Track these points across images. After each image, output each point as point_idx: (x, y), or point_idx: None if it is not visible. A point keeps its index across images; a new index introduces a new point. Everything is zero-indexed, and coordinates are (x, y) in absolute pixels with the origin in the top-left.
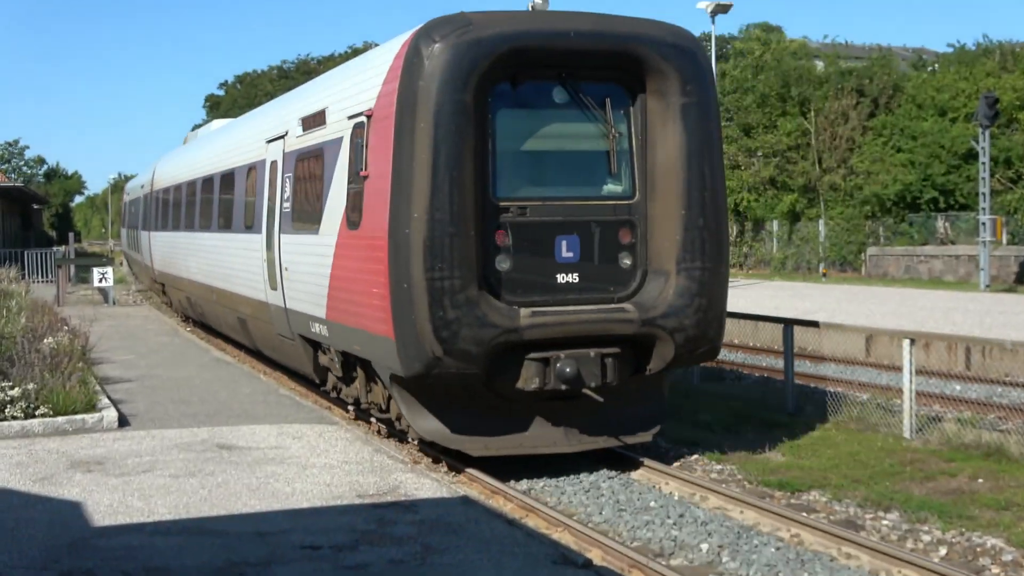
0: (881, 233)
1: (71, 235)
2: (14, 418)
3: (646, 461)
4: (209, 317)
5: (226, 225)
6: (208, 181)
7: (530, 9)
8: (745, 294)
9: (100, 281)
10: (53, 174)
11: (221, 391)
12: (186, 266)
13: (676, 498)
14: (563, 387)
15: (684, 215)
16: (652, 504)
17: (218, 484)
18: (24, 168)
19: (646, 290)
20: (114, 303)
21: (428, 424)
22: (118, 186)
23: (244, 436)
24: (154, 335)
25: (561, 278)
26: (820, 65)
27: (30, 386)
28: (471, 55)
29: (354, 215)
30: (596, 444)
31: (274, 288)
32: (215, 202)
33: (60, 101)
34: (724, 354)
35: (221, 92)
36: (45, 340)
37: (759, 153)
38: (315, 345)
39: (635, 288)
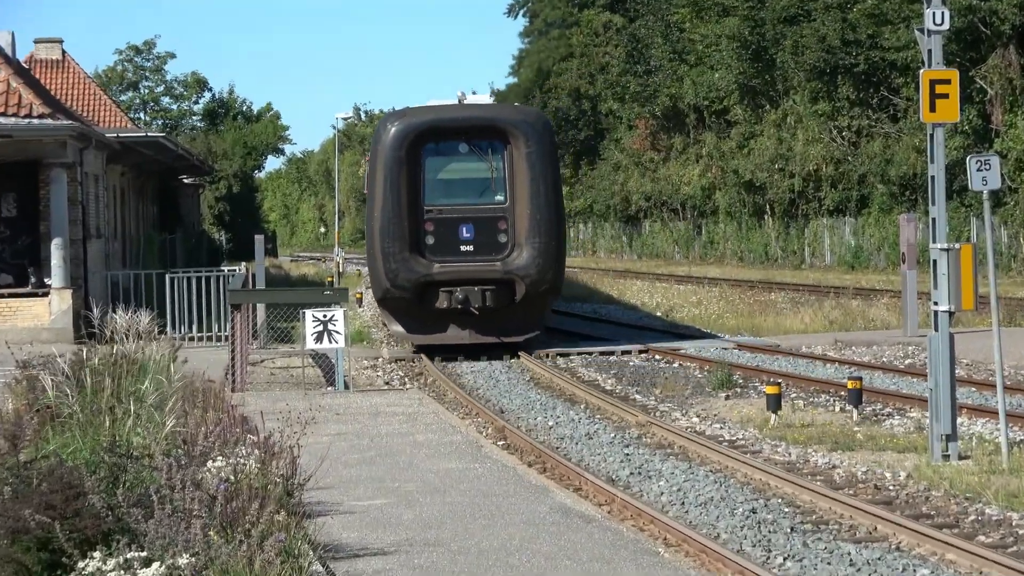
0: None
1: (259, 240)
2: None
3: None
4: None
5: None
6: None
7: (458, 100)
8: None
9: (317, 339)
10: (223, 110)
11: None
12: None
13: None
14: (459, 306)
15: (529, 212)
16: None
17: None
18: (166, 100)
19: (512, 254)
20: (347, 386)
21: (395, 327)
22: (354, 135)
23: None
24: (431, 455)
25: (463, 248)
26: None
27: (183, 560)
28: (405, 131)
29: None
30: (486, 340)
31: None
32: None
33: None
34: None
35: None
36: (212, 464)
37: None
38: None
39: (507, 254)
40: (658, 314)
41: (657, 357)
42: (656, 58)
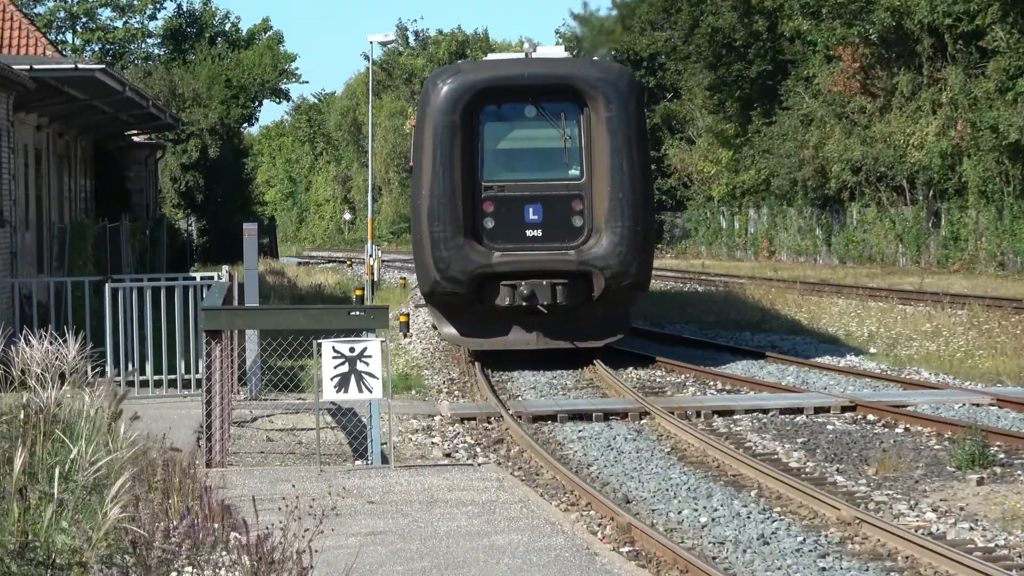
0: None
1: (250, 231)
2: None
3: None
4: None
5: None
6: None
7: (524, 54)
8: None
9: (340, 386)
10: (194, 31)
11: None
12: None
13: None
14: (524, 304)
15: (609, 191)
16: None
17: None
18: (106, 13)
19: (588, 241)
20: (386, 459)
21: (447, 330)
22: (397, 70)
23: None
24: (517, 568)
25: (529, 233)
26: None
27: None
28: (458, 92)
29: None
30: (557, 345)
31: None
32: None
33: None
34: None
35: None
36: None
37: None
38: None
39: (582, 240)
40: (872, 351)
41: (870, 418)
42: None
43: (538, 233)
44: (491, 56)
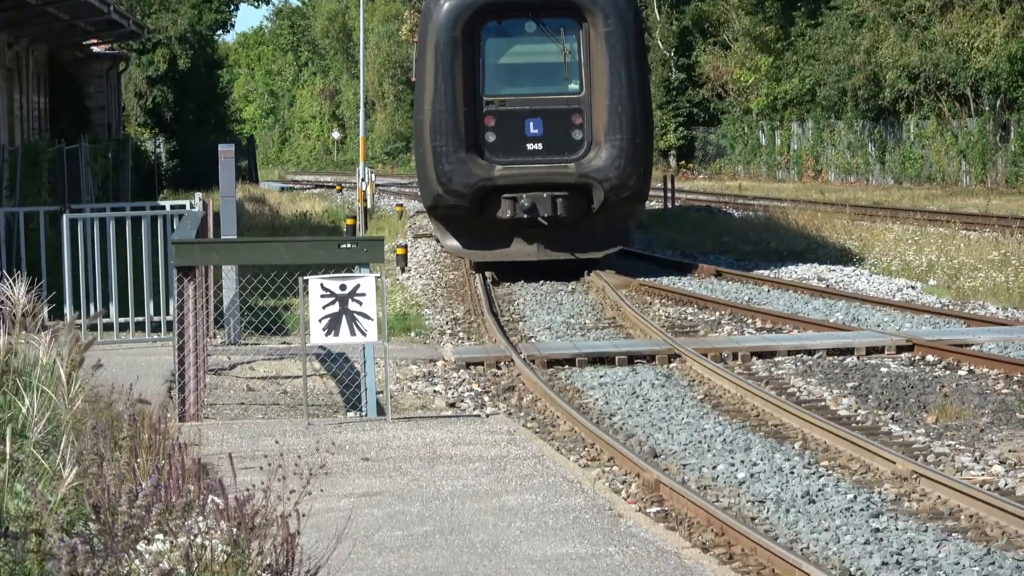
0: None
1: (227, 153)
2: None
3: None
4: None
5: None
6: None
7: None
8: None
9: (329, 329)
10: None
11: None
12: None
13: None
14: (525, 216)
15: (608, 104)
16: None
17: None
18: None
19: (588, 154)
20: (382, 410)
21: (449, 242)
22: None
23: None
24: (531, 531)
25: (530, 146)
26: None
27: None
28: (459, 8)
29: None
30: (556, 257)
31: None
32: None
33: None
34: None
35: None
36: (147, 547)
37: None
38: None
39: (582, 153)
40: (931, 282)
41: (930, 359)
42: None
43: (539, 147)
44: None
